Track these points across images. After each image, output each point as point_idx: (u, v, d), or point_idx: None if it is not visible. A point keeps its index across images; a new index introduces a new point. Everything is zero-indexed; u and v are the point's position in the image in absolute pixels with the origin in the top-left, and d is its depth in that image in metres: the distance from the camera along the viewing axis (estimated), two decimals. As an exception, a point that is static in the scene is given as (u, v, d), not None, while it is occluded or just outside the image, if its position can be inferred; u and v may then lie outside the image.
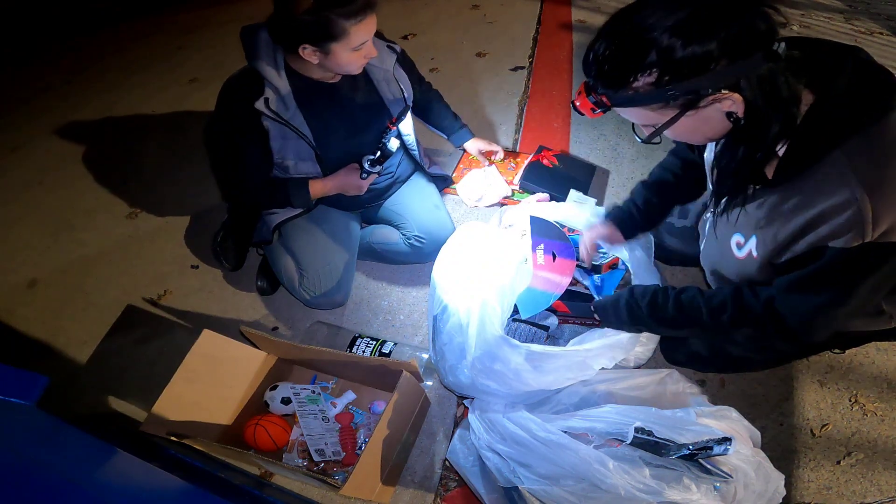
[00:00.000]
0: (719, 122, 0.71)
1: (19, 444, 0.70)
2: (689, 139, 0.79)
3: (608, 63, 0.68)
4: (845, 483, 1.04)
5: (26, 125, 2.46)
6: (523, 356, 0.95)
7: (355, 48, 1.11)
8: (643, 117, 0.73)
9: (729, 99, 0.66)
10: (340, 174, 1.33)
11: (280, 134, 1.20)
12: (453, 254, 1.18)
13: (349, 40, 1.09)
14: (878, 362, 1.20)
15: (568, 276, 1.15)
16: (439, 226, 1.46)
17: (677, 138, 0.78)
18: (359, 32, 1.09)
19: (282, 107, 1.17)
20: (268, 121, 1.17)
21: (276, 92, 1.16)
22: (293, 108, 1.19)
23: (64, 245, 1.82)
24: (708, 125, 0.72)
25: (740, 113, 0.68)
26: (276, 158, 1.24)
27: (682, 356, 1.17)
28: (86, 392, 1.38)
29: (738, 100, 0.66)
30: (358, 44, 1.11)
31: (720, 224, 0.89)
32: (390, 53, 1.32)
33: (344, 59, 1.13)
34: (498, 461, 0.95)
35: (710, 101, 0.67)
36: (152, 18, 3.38)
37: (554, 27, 2.57)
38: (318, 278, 1.35)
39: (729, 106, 0.67)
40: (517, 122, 2.00)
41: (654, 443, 0.84)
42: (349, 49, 1.11)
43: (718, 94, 0.65)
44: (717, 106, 0.67)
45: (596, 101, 0.72)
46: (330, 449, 1.13)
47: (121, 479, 0.77)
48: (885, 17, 2.59)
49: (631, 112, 0.74)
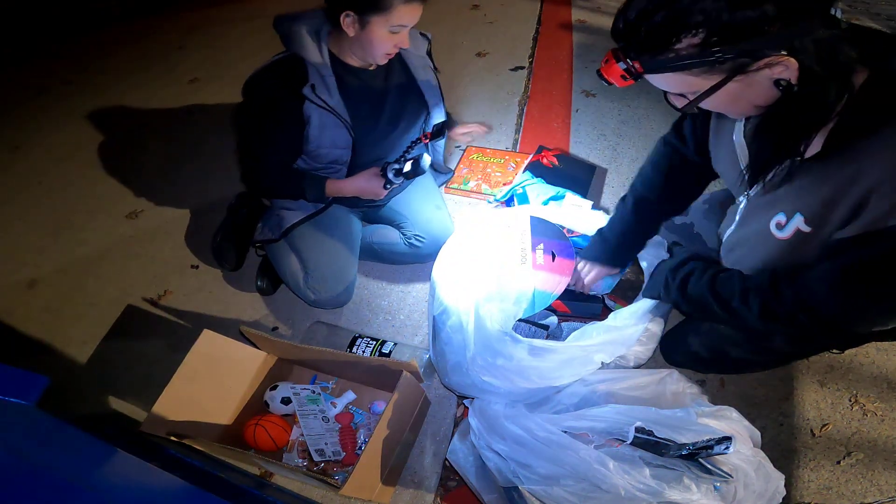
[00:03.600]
0: (765, 91, 0.66)
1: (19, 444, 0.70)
2: (728, 109, 0.73)
3: (646, 24, 0.63)
4: (845, 483, 1.04)
5: (26, 125, 2.46)
6: (526, 350, 0.96)
7: (393, 29, 1.11)
8: (681, 84, 0.68)
9: (783, 64, 0.61)
10: (361, 178, 1.31)
11: (320, 122, 1.20)
12: (453, 254, 1.18)
13: (391, 16, 1.08)
14: (878, 362, 1.20)
15: (567, 275, 1.15)
16: (439, 226, 1.46)
17: (715, 108, 0.73)
18: (402, 13, 1.09)
19: (326, 93, 1.18)
20: (311, 108, 1.18)
21: (321, 78, 1.17)
22: (336, 96, 1.20)
23: (64, 245, 1.82)
24: (753, 93, 0.67)
25: (793, 79, 0.63)
26: (311, 146, 1.24)
27: (682, 356, 1.17)
28: (86, 392, 1.38)
29: (792, 65, 0.61)
30: (397, 24, 1.10)
31: (755, 207, 0.83)
32: (423, 41, 1.34)
33: (377, 36, 1.11)
34: (498, 461, 0.95)
35: (761, 66, 0.62)
36: (152, 18, 3.38)
37: (554, 27, 2.57)
38: (324, 277, 1.35)
39: (780, 72, 0.62)
40: (517, 122, 2.00)
41: (654, 443, 0.84)
42: (387, 27, 1.10)
43: (773, 58, 0.60)
44: (766, 72, 0.62)
45: (627, 68, 0.67)
46: (330, 449, 1.13)
47: (121, 479, 0.77)
48: (885, 17, 2.59)
49: (667, 79, 0.68)
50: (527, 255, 1.16)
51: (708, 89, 0.66)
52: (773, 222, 0.78)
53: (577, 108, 2.02)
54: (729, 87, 0.65)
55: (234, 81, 2.53)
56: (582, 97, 2.07)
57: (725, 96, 0.67)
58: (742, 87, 0.66)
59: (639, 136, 1.87)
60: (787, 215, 0.75)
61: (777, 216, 0.77)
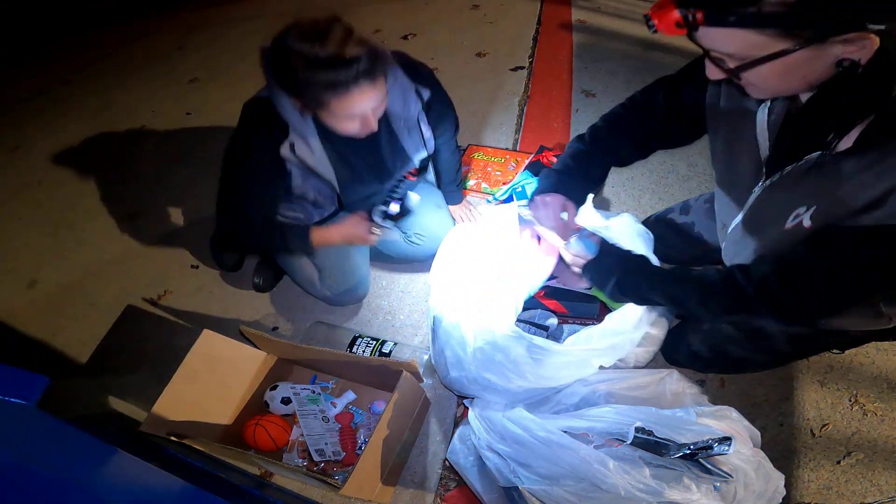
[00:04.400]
0: (825, 68, 0.61)
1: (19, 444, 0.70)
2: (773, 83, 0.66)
3: None
4: (845, 483, 1.04)
5: (26, 125, 2.46)
6: (525, 347, 0.96)
7: (347, 115, 1.02)
8: (741, 43, 0.61)
9: (862, 42, 0.56)
10: (348, 225, 1.26)
11: (302, 175, 1.16)
12: (451, 252, 1.19)
13: (332, 110, 0.99)
14: (878, 362, 1.20)
15: (554, 254, 1.13)
16: (440, 225, 1.45)
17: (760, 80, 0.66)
18: (343, 104, 0.98)
19: (307, 151, 1.11)
20: (291, 165, 1.13)
21: (301, 136, 1.09)
22: (319, 152, 1.13)
23: (64, 245, 1.82)
24: (813, 68, 0.61)
25: (863, 60, 0.58)
26: (296, 193, 1.19)
27: (683, 356, 1.17)
28: (86, 392, 1.38)
29: (872, 45, 0.56)
30: (344, 113, 1.01)
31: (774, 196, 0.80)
32: (416, 101, 1.19)
33: (334, 124, 1.04)
34: (498, 461, 0.95)
35: (840, 40, 0.57)
36: (152, 18, 3.38)
37: (554, 27, 2.57)
38: (339, 274, 1.34)
39: (853, 50, 0.57)
40: (517, 122, 2.00)
41: (654, 443, 0.84)
42: (337, 118, 1.02)
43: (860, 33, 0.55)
44: (839, 48, 0.58)
45: (686, 17, 0.60)
46: (330, 449, 1.13)
47: (121, 479, 0.77)
48: None
49: (728, 35, 0.61)
50: (516, 244, 1.17)
51: (771, 54, 0.59)
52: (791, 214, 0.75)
53: (577, 108, 2.02)
54: (794, 56, 0.59)
55: (233, 81, 2.54)
56: (582, 97, 2.07)
57: (782, 67, 0.61)
58: (806, 59, 0.60)
59: (639, 136, 1.87)
60: (807, 206, 0.72)
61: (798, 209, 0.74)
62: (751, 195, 0.85)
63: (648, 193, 1.64)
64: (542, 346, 0.96)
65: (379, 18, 2.81)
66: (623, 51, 2.31)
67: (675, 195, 1.60)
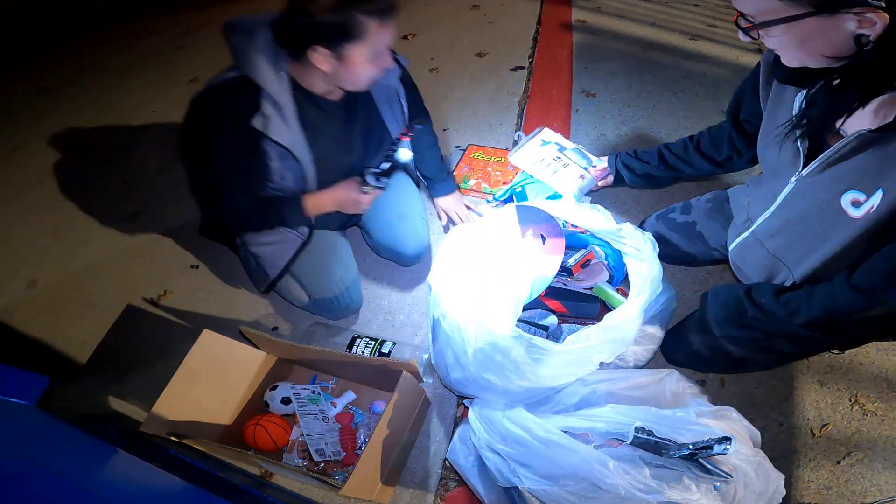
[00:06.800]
0: (840, 41, 0.63)
1: (19, 444, 0.70)
2: (793, 52, 0.70)
3: None
4: (845, 483, 1.04)
5: (26, 125, 2.45)
6: (524, 347, 0.96)
7: (374, 54, 1.01)
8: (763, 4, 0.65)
9: (874, 17, 0.59)
10: (340, 189, 1.22)
11: (278, 154, 1.10)
12: (450, 253, 1.18)
13: (370, 42, 0.98)
14: (878, 362, 1.20)
15: (560, 253, 1.15)
16: (405, 238, 1.38)
17: (779, 45, 0.70)
18: (382, 34, 0.99)
19: (282, 127, 1.05)
20: (266, 141, 1.06)
21: (277, 109, 1.04)
22: (295, 129, 1.08)
23: (64, 245, 1.82)
24: (827, 38, 0.64)
25: (874, 36, 0.60)
26: (275, 178, 1.14)
27: (683, 356, 1.17)
28: (86, 392, 1.38)
29: (883, 20, 0.58)
30: (379, 48, 1.00)
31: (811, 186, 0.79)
32: (396, 68, 1.20)
33: (359, 65, 1.01)
34: (498, 461, 0.95)
35: (850, 12, 0.59)
36: (152, 19, 3.38)
37: (554, 27, 2.57)
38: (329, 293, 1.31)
39: (867, 25, 0.60)
40: (517, 122, 2.00)
41: (654, 443, 0.84)
42: (367, 54, 1.00)
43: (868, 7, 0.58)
44: (851, 21, 0.60)
45: None
46: (330, 449, 1.13)
47: (121, 479, 0.77)
48: None
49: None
50: (518, 244, 1.17)
51: (784, 17, 0.63)
52: (847, 199, 0.73)
53: (577, 108, 2.02)
54: (807, 23, 0.63)
55: (234, 81, 2.53)
56: (582, 97, 2.07)
57: (798, 33, 0.65)
58: (819, 28, 0.63)
59: (639, 136, 1.87)
60: (866, 192, 0.71)
61: (851, 193, 0.73)
62: (786, 186, 0.85)
63: (648, 193, 1.64)
64: (542, 346, 0.96)
65: (379, 18, 2.80)
66: (623, 51, 2.31)
67: (675, 195, 1.60)
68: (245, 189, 1.15)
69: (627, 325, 1.01)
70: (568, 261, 1.24)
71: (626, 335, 1.02)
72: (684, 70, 2.15)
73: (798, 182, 0.83)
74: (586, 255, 1.25)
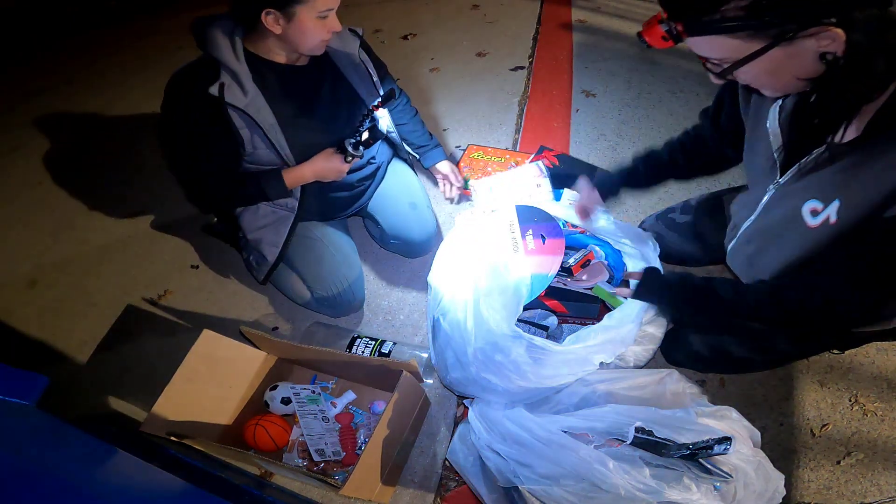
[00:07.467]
0: (809, 63, 0.64)
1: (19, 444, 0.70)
2: (767, 82, 0.71)
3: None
4: (845, 483, 1.04)
5: (27, 125, 2.45)
6: (524, 347, 0.96)
7: (321, 14, 1.07)
8: (722, 48, 0.66)
9: (829, 35, 0.60)
10: (318, 159, 1.24)
11: (244, 122, 1.13)
12: (449, 253, 1.18)
13: (316, 3, 1.05)
14: (878, 362, 1.20)
15: (560, 254, 1.15)
16: (415, 226, 1.42)
17: (753, 80, 0.71)
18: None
19: (238, 92, 1.10)
20: (229, 109, 1.11)
21: (234, 76, 1.09)
22: (253, 93, 1.11)
23: (64, 245, 1.82)
24: (796, 64, 0.65)
25: (839, 52, 0.61)
26: (247, 149, 1.16)
27: (683, 356, 1.17)
28: (86, 392, 1.38)
29: (839, 37, 0.60)
30: (324, 8, 1.07)
31: (784, 195, 0.81)
32: (353, 37, 1.26)
33: (308, 26, 1.08)
34: (498, 461, 0.95)
35: (807, 34, 0.61)
36: (152, 18, 3.38)
37: (554, 27, 2.57)
38: (332, 289, 1.31)
39: (826, 44, 0.61)
40: (517, 122, 2.00)
41: (654, 443, 0.84)
42: (315, 14, 1.06)
43: (820, 27, 0.59)
44: (812, 43, 0.61)
45: (669, 30, 0.67)
46: (330, 449, 1.13)
47: (121, 479, 0.77)
48: None
49: (709, 42, 0.66)
50: (518, 244, 1.16)
51: (749, 55, 0.64)
52: (808, 208, 0.76)
53: (577, 108, 2.02)
54: (771, 55, 0.64)
55: (234, 81, 2.53)
56: (582, 97, 2.07)
57: (766, 65, 0.66)
58: (785, 56, 0.64)
59: (639, 136, 1.87)
60: (824, 202, 0.73)
61: (811, 202, 0.75)
62: (765, 194, 0.86)
63: (648, 193, 1.63)
64: (542, 346, 0.96)
65: (379, 18, 2.81)
66: (623, 51, 2.31)
67: (675, 195, 1.60)
68: (218, 160, 1.18)
69: (627, 325, 1.01)
70: (568, 261, 1.24)
71: (626, 335, 1.02)
72: (684, 70, 2.15)
73: (776, 190, 0.84)
74: (586, 255, 1.25)
